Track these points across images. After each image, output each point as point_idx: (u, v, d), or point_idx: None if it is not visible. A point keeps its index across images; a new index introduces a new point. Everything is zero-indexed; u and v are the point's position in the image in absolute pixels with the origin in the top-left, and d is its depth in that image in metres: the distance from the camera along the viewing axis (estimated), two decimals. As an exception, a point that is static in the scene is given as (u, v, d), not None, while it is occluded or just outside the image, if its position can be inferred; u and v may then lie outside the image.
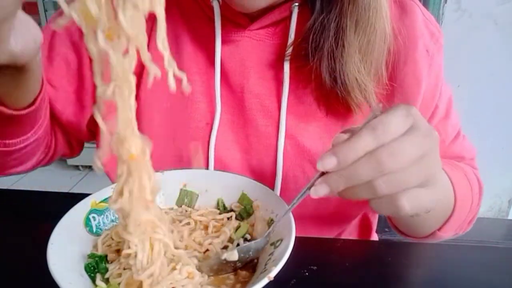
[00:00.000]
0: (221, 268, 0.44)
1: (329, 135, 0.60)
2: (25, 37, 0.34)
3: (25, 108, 0.47)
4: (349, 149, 0.37)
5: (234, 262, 0.44)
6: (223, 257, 0.43)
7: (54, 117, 0.63)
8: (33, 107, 0.48)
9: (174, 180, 0.55)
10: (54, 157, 0.67)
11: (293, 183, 0.60)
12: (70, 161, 2.64)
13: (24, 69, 0.39)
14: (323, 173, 0.39)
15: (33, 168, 0.64)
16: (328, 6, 0.54)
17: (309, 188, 0.40)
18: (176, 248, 0.42)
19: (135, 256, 0.40)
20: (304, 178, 0.60)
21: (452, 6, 1.73)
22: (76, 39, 0.63)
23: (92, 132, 0.67)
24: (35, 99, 0.48)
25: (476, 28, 1.74)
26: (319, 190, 0.39)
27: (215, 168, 0.60)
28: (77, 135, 0.68)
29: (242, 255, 0.44)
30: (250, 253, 0.45)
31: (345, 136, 0.38)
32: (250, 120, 0.61)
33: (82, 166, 2.69)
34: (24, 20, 0.33)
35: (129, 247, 0.40)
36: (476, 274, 0.49)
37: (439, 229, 0.58)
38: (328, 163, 0.37)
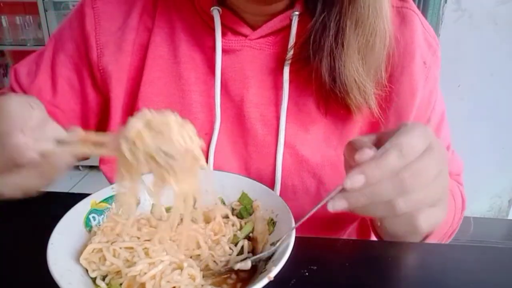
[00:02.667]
0: (227, 272, 0.44)
1: (327, 143, 0.60)
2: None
3: None
4: (378, 168, 0.37)
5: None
6: (236, 267, 0.43)
7: None
8: None
9: (174, 180, 0.55)
10: None
11: (291, 193, 0.59)
12: (70, 161, 2.63)
13: None
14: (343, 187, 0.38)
15: None
16: (328, 6, 0.53)
17: (327, 200, 0.39)
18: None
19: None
20: (302, 187, 0.60)
21: (452, 6, 1.73)
22: (76, 61, 0.63)
23: None
24: None
25: (476, 28, 1.74)
26: (337, 205, 0.39)
27: None
28: None
29: (254, 263, 0.44)
30: (260, 262, 0.45)
31: (371, 152, 0.38)
32: (249, 129, 0.60)
33: (82, 166, 2.69)
34: None
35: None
36: (476, 274, 0.49)
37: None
38: (356, 181, 0.37)
